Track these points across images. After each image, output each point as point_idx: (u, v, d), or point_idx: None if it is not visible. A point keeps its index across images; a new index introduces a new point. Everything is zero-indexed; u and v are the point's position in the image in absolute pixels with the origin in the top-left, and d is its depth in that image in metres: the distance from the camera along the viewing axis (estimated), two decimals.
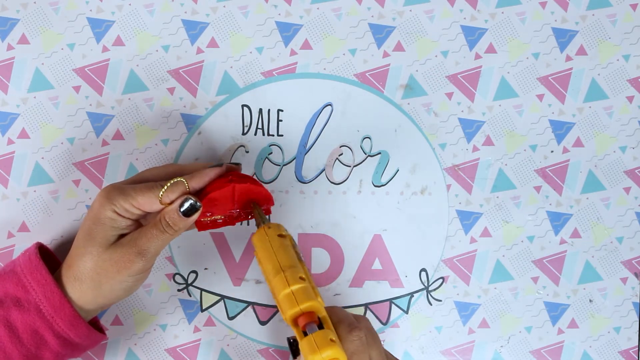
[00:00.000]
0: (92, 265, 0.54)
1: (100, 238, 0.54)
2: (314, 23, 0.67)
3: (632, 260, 0.69)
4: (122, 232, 0.55)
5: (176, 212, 0.54)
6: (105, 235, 0.54)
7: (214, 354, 0.66)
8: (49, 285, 0.54)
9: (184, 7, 0.65)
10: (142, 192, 0.54)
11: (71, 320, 0.54)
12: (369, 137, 0.67)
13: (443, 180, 0.68)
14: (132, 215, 0.54)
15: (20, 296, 0.53)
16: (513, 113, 0.68)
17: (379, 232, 0.67)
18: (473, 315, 0.68)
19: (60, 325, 0.54)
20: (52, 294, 0.53)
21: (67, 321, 0.54)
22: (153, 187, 0.54)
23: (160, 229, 0.54)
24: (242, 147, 0.66)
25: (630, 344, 0.69)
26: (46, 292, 0.53)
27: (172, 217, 0.54)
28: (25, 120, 0.64)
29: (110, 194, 0.54)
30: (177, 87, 0.65)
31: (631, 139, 0.69)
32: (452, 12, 0.68)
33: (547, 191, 0.68)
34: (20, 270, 0.55)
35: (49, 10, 0.64)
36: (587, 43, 0.69)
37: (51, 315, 0.53)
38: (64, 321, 0.54)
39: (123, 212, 0.54)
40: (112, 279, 0.54)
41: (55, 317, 0.53)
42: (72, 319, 0.54)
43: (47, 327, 0.53)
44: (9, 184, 0.64)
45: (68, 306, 0.54)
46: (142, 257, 0.54)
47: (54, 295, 0.53)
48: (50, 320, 0.53)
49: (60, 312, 0.53)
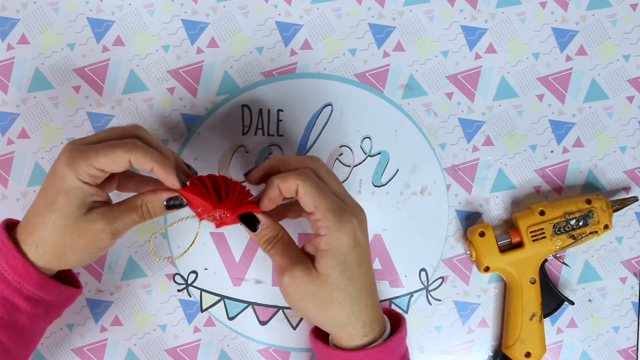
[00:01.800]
0: (57, 236, 0.52)
1: (66, 210, 0.52)
2: (314, 23, 0.67)
3: (631, 260, 0.69)
4: (87, 203, 0.52)
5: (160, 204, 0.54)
6: (71, 208, 0.52)
7: (214, 354, 0.66)
8: (11, 252, 0.53)
9: (184, 7, 0.65)
10: (103, 152, 0.51)
11: (38, 282, 0.53)
12: (369, 137, 0.67)
13: (443, 180, 0.68)
14: (96, 180, 0.52)
15: None
16: (513, 113, 0.68)
17: (379, 232, 0.67)
18: (472, 314, 0.68)
19: (28, 288, 0.53)
20: (14, 260, 0.53)
21: (34, 283, 0.53)
22: (115, 146, 0.51)
23: (140, 214, 0.54)
24: (242, 147, 0.66)
25: (629, 344, 0.69)
26: (8, 259, 0.53)
27: (154, 207, 0.54)
28: (25, 120, 0.64)
29: (74, 160, 0.51)
30: (177, 87, 0.65)
31: (631, 139, 0.69)
32: (452, 12, 0.67)
33: (546, 191, 0.69)
34: None
35: (49, 10, 0.64)
36: (587, 43, 0.69)
37: (17, 281, 0.53)
38: (31, 284, 0.53)
39: (87, 177, 0.51)
40: (78, 251, 0.53)
41: (21, 282, 0.53)
42: (39, 280, 0.53)
43: (16, 293, 0.53)
44: (9, 184, 0.64)
45: (33, 270, 0.53)
46: (115, 237, 0.53)
47: (17, 261, 0.53)
48: (17, 285, 0.53)
49: (25, 277, 0.53)
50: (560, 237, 0.64)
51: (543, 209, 0.65)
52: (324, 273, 0.53)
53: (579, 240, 0.65)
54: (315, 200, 0.52)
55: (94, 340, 0.65)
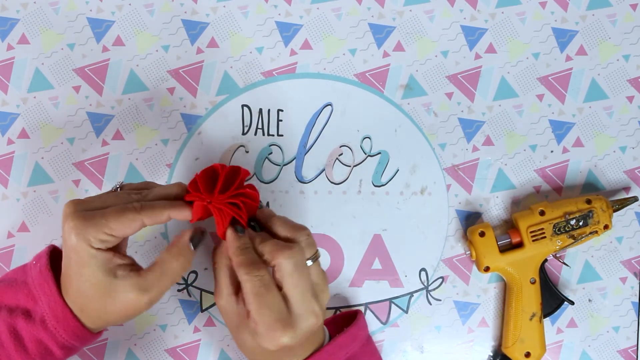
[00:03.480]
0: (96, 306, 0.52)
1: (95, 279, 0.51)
2: (314, 23, 0.67)
3: (631, 260, 0.69)
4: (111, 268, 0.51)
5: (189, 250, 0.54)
6: (97, 276, 0.51)
7: (214, 354, 0.66)
8: (54, 297, 0.53)
9: (184, 7, 0.65)
10: (114, 216, 0.50)
11: (75, 331, 0.54)
12: (369, 137, 0.67)
13: (443, 180, 0.68)
14: (108, 245, 0.51)
15: (29, 307, 0.54)
16: (513, 113, 0.68)
17: (378, 232, 0.67)
18: (472, 314, 0.68)
19: (64, 336, 0.53)
20: (55, 305, 0.53)
21: (71, 332, 0.54)
22: (125, 209, 0.51)
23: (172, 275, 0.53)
24: (242, 147, 0.66)
25: (629, 343, 0.69)
26: (50, 302, 0.53)
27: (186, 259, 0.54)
28: (25, 120, 0.64)
29: (79, 229, 0.50)
30: (177, 87, 0.65)
31: (631, 139, 0.69)
32: (452, 12, 0.67)
33: (546, 191, 0.69)
34: (32, 282, 0.54)
35: (49, 10, 0.64)
36: (587, 43, 0.69)
37: (54, 327, 0.53)
38: (68, 333, 0.53)
39: (99, 244, 0.50)
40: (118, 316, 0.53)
41: (58, 328, 0.53)
42: (76, 329, 0.54)
43: (51, 339, 0.53)
44: (9, 184, 0.64)
45: (70, 317, 0.53)
46: (152, 304, 0.53)
47: (57, 306, 0.53)
48: (54, 331, 0.53)
49: (63, 324, 0.53)
50: (560, 237, 0.64)
51: (543, 209, 0.65)
52: (241, 341, 0.54)
53: (579, 240, 0.65)
54: (250, 305, 0.51)
55: None
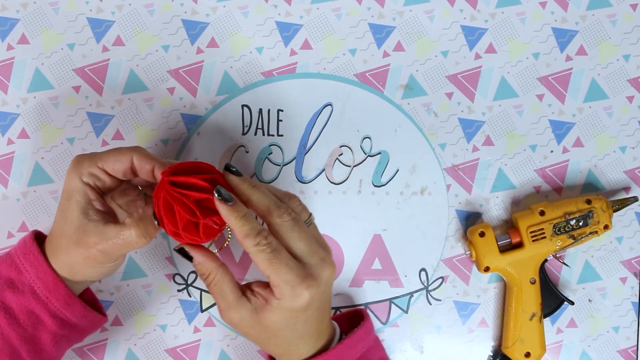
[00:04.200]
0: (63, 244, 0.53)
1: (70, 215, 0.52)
2: (314, 23, 0.67)
3: (631, 260, 0.69)
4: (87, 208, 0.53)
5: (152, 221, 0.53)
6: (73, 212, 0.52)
7: (214, 354, 0.66)
8: (42, 266, 0.53)
9: (184, 7, 0.65)
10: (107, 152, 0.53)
11: (66, 299, 0.54)
12: (369, 137, 0.67)
13: (443, 180, 0.68)
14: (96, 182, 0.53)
15: (13, 278, 0.53)
16: (513, 113, 0.68)
17: (378, 232, 0.67)
18: (472, 314, 0.68)
19: (55, 304, 0.53)
20: (45, 275, 0.53)
21: (61, 300, 0.53)
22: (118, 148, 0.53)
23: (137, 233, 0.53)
24: (242, 147, 0.66)
25: (629, 344, 0.69)
26: (39, 273, 0.53)
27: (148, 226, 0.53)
28: (25, 120, 0.64)
29: (78, 161, 0.53)
30: (177, 87, 0.65)
31: (631, 139, 0.69)
32: (452, 12, 0.67)
33: (546, 191, 0.69)
34: (14, 253, 0.55)
35: (49, 10, 0.64)
36: (587, 43, 0.69)
37: (45, 296, 0.53)
38: (59, 301, 0.53)
39: (88, 178, 0.52)
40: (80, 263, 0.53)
41: (49, 297, 0.53)
42: (67, 297, 0.54)
43: (43, 307, 0.53)
44: (9, 184, 0.64)
45: (62, 286, 0.53)
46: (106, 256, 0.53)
47: (47, 276, 0.53)
48: (45, 300, 0.53)
49: (54, 292, 0.53)
50: (560, 237, 0.64)
51: (543, 209, 0.65)
52: (266, 323, 0.52)
53: (579, 241, 0.65)
54: (266, 271, 0.50)
55: (94, 340, 0.65)
